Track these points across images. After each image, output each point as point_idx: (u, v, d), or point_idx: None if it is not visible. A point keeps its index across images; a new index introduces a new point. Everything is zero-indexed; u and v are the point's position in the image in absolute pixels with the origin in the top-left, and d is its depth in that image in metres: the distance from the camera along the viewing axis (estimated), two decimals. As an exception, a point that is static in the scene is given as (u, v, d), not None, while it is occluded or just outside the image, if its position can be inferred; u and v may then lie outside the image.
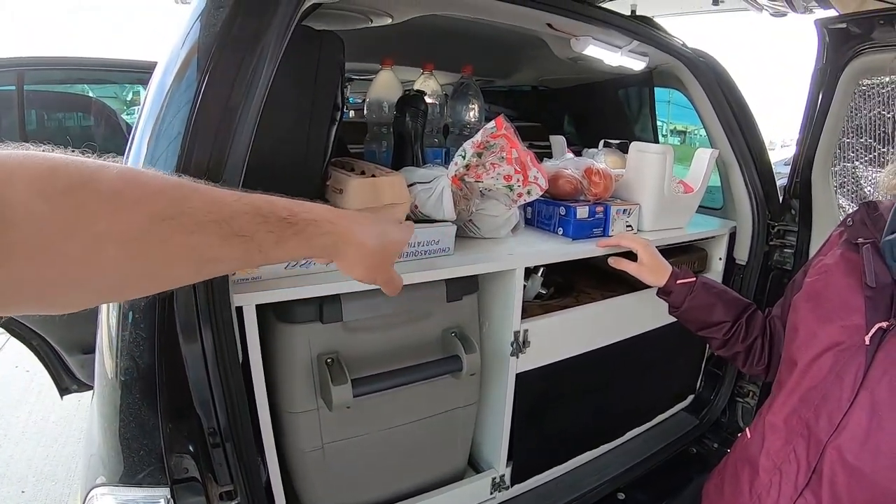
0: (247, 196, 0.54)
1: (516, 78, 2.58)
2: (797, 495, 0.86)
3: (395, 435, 1.27)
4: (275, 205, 0.56)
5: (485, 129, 1.17)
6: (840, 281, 0.89)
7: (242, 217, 0.52)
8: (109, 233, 0.46)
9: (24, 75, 2.49)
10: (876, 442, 0.77)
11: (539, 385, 1.41)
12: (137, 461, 0.88)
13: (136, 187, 0.47)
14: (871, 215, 0.90)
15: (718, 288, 1.23)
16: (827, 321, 0.88)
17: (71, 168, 0.45)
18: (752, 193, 1.75)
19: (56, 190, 0.43)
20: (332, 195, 1.15)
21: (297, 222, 0.57)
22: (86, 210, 0.45)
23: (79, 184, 0.44)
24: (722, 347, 1.19)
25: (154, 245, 0.48)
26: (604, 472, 1.63)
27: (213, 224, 0.50)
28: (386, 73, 1.59)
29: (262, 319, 1.05)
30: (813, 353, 0.88)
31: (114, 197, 0.46)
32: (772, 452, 0.92)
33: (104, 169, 0.46)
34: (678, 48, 1.70)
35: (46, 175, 0.43)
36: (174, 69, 0.93)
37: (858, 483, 0.79)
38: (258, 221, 0.53)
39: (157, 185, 0.49)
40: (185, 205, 0.49)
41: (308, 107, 1.08)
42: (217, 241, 0.51)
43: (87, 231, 0.45)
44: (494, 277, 1.32)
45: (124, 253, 0.47)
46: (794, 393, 0.90)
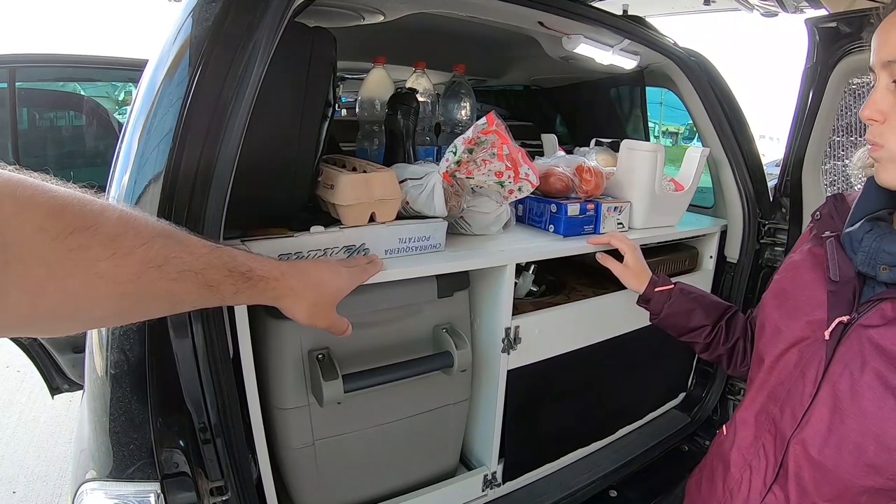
0: (217, 250, 0.65)
1: (508, 77, 2.58)
2: (766, 490, 0.86)
3: (386, 432, 1.27)
4: (238, 261, 0.67)
5: (476, 125, 1.17)
6: (806, 276, 0.89)
7: (212, 270, 0.63)
8: (106, 274, 0.52)
9: (16, 72, 2.48)
10: (838, 436, 0.77)
11: (530, 382, 1.41)
12: (127, 456, 0.88)
13: (134, 234, 0.54)
14: (837, 208, 0.89)
15: (696, 293, 1.23)
16: (792, 317, 0.87)
17: (76, 209, 0.50)
18: (743, 192, 1.76)
19: (61, 230, 0.48)
20: (324, 191, 1.15)
21: (252, 277, 0.69)
22: (87, 252, 0.50)
23: (82, 226, 0.50)
24: (705, 351, 1.19)
25: (142, 287, 0.56)
26: (595, 469, 1.63)
27: (190, 273, 0.60)
28: (378, 72, 1.59)
29: (253, 314, 1.05)
30: (779, 350, 0.88)
31: (113, 241, 0.52)
32: (742, 448, 0.92)
33: (106, 211, 0.53)
34: (669, 47, 1.71)
35: (54, 214, 0.48)
36: (166, 65, 0.93)
37: (824, 477, 0.79)
38: (224, 274, 0.65)
39: (149, 232, 0.56)
40: (171, 254, 0.58)
41: (300, 103, 1.08)
42: (191, 288, 0.61)
43: (86, 271, 0.51)
44: (485, 274, 1.32)
45: (116, 292, 0.54)
46: (763, 389, 0.91)
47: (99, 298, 0.53)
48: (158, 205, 0.85)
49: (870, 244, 0.78)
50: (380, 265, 1.02)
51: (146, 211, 0.84)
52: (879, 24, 0.74)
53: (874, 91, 0.74)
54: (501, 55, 2.13)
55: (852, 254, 0.81)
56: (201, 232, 0.85)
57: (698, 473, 1.08)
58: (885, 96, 0.72)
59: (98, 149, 2.87)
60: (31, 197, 0.47)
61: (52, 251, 0.48)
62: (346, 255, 1.13)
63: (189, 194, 0.85)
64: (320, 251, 1.10)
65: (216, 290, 0.64)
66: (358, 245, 1.13)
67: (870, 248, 0.78)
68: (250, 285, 0.69)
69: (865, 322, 0.77)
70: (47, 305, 0.50)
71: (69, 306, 0.52)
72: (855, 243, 0.80)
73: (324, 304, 0.83)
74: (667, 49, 1.70)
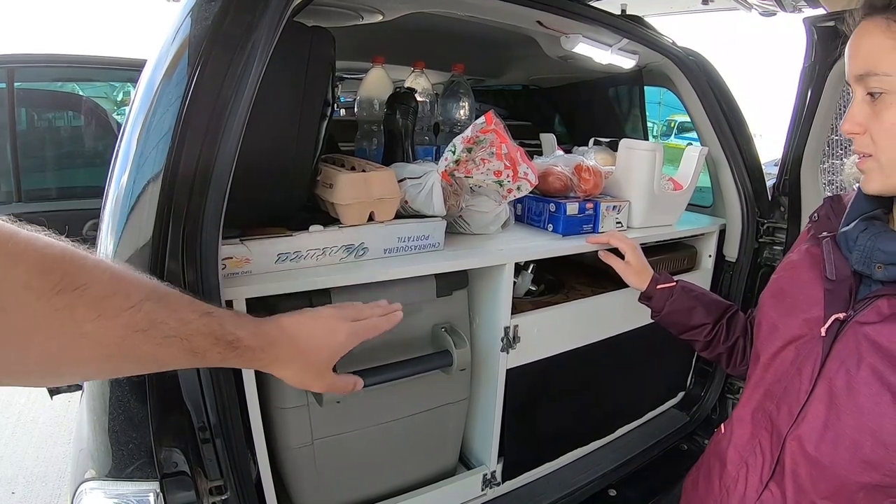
0: (206, 316, 0.63)
1: (507, 77, 2.59)
2: (763, 488, 0.86)
3: (385, 431, 1.27)
4: (225, 329, 0.65)
5: (475, 124, 1.17)
6: (803, 275, 0.89)
7: (199, 336, 0.61)
8: (90, 335, 0.52)
9: (15, 72, 2.47)
10: (834, 433, 0.77)
11: (529, 381, 1.41)
12: (127, 455, 0.88)
13: (122, 296, 0.54)
14: (834, 209, 0.90)
15: (698, 291, 1.23)
16: (789, 315, 0.88)
17: (66, 267, 0.50)
18: (742, 191, 1.77)
19: (49, 288, 0.48)
20: (323, 190, 1.16)
21: (239, 346, 0.67)
22: (73, 313, 0.50)
23: (70, 286, 0.49)
24: (705, 349, 1.19)
25: (126, 350, 0.55)
26: (595, 468, 1.63)
27: (176, 339, 0.59)
28: (377, 71, 1.59)
29: (253, 313, 1.04)
30: (775, 347, 0.88)
31: (100, 303, 0.52)
32: (739, 446, 0.92)
33: (97, 271, 0.53)
34: (668, 46, 1.71)
35: (43, 271, 0.48)
36: (165, 64, 0.93)
37: (820, 474, 0.79)
38: (211, 342, 0.63)
39: (138, 295, 0.56)
40: (158, 319, 0.57)
41: (298, 102, 1.08)
42: (176, 353, 0.60)
43: (71, 331, 0.50)
44: (484, 273, 1.32)
45: (100, 353, 0.54)
46: (759, 387, 0.91)
47: (82, 358, 0.53)
48: (157, 204, 0.84)
49: (865, 243, 0.78)
50: (398, 317, 0.90)
51: (145, 212, 0.85)
52: (850, 38, 0.76)
53: (851, 104, 0.75)
54: (500, 55, 2.13)
55: (848, 253, 0.81)
56: (200, 232, 0.85)
57: (695, 472, 1.09)
58: (862, 109, 0.74)
59: (97, 149, 2.87)
60: (22, 252, 0.46)
61: (38, 309, 0.47)
62: (345, 254, 1.13)
63: (188, 193, 0.85)
64: (319, 250, 1.10)
65: (202, 357, 0.63)
66: (357, 244, 1.14)
67: (865, 246, 0.78)
68: (237, 354, 0.67)
69: (862, 319, 0.77)
70: (31, 360, 0.50)
71: (53, 363, 0.52)
72: (850, 242, 0.81)
73: (313, 370, 0.79)
74: (665, 48, 1.70)
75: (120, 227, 0.88)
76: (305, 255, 1.09)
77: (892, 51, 0.70)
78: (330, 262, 1.12)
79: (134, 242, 0.86)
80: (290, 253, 1.07)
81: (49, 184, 2.70)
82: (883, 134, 0.73)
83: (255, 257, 1.04)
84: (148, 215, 0.85)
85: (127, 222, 0.87)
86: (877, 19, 0.71)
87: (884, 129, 0.72)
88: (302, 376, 0.78)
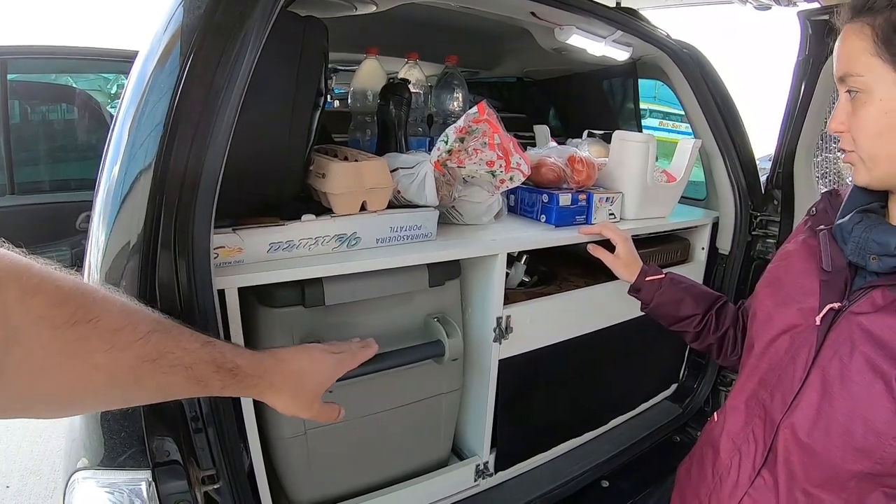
0: (208, 345, 0.66)
1: (501, 69, 2.58)
2: (755, 474, 0.87)
3: (378, 421, 1.27)
4: (226, 357, 0.69)
5: (467, 114, 1.17)
6: (799, 266, 0.91)
7: (202, 365, 0.65)
8: (102, 366, 0.54)
9: (8, 64, 2.45)
10: (827, 420, 0.78)
11: (522, 371, 1.42)
12: (119, 444, 0.88)
13: (132, 329, 0.57)
14: (832, 203, 0.92)
15: (686, 282, 1.25)
16: (784, 304, 0.89)
17: (80, 300, 0.52)
18: (735, 184, 1.77)
19: (64, 320, 0.50)
20: (315, 180, 1.15)
21: (238, 374, 0.71)
22: (86, 344, 0.52)
23: (84, 318, 0.52)
24: (695, 340, 1.21)
25: (136, 379, 0.58)
26: (588, 459, 1.64)
27: (181, 368, 0.62)
28: (370, 62, 1.59)
29: (244, 303, 1.05)
30: (770, 336, 0.89)
31: (112, 335, 0.54)
32: (732, 434, 0.93)
33: (108, 304, 0.55)
34: (662, 39, 1.71)
35: (58, 303, 0.50)
36: (156, 55, 0.92)
37: (812, 461, 0.80)
38: (212, 370, 0.66)
39: (146, 327, 0.58)
40: (165, 349, 0.60)
41: (291, 92, 1.08)
42: (181, 381, 0.63)
43: (84, 362, 0.53)
44: (477, 263, 1.33)
45: (110, 383, 0.56)
46: (753, 375, 0.92)
47: (93, 388, 0.55)
48: (149, 194, 0.84)
49: (859, 235, 0.80)
50: (374, 349, 0.98)
51: (137, 202, 0.85)
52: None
53: (837, 105, 0.80)
54: (494, 47, 2.13)
55: (843, 244, 0.83)
56: (192, 221, 0.85)
57: (688, 461, 1.09)
58: (845, 108, 0.79)
59: (90, 142, 2.85)
60: (38, 285, 0.48)
61: (52, 340, 0.49)
62: (338, 244, 1.13)
63: (180, 183, 0.85)
64: (311, 240, 1.10)
65: (205, 385, 0.66)
66: (349, 234, 1.14)
67: (859, 238, 0.80)
68: (237, 381, 0.71)
69: (856, 309, 0.78)
70: (44, 391, 0.51)
71: (65, 393, 0.53)
72: (845, 234, 0.82)
73: (304, 397, 0.82)
74: (659, 41, 1.70)
75: (112, 218, 0.88)
76: (298, 245, 1.09)
77: (863, 53, 0.74)
78: (322, 251, 1.12)
79: (126, 233, 0.86)
80: (282, 242, 1.07)
81: (42, 176, 2.68)
82: (860, 131, 0.77)
83: (247, 247, 1.03)
84: (140, 205, 0.85)
85: (119, 213, 0.87)
86: (854, 23, 0.76)
87: (859, 126, 0.77)
88: (293, 403, 0.81)
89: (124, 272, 0.85)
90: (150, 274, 0.84)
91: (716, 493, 0.94)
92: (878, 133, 0.75)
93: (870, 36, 0.73)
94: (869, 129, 0.76)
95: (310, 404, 0.83)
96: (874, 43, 0.73)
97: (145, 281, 0.84)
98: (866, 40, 0.74)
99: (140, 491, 0.87)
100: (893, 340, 0.74)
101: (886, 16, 0.72)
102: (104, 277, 0.86)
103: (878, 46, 0.73)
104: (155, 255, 0.84)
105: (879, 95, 0.74)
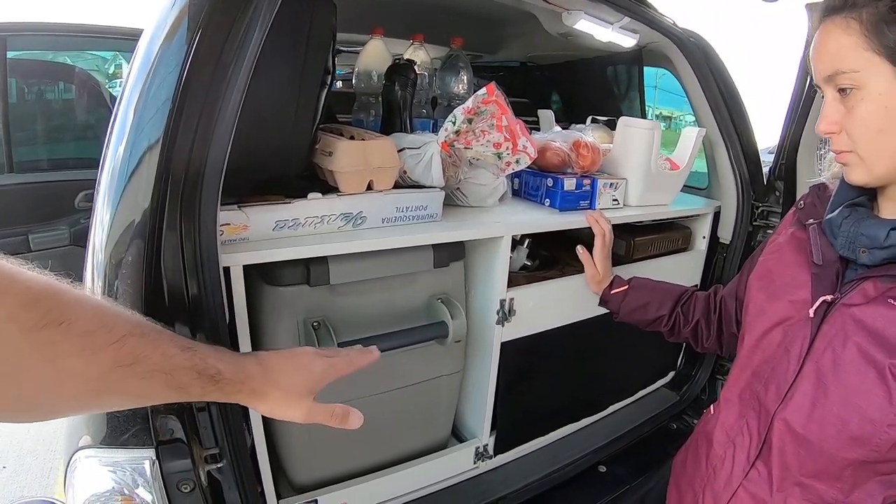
0: (188, 351, 0.63)
1: (505, 53, 2.56)
2: (749, 466, 0.89)
3: (379, 402, 1.27)
4: (207, 363, 0.65)
5: (476, 95, 1.17)
6: (789, 259, 0.92)
7: (182, 371, 0.62)
8: (74, 370, 0.51)
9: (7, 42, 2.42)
10: (821, 411, 0.79)
11: (524, 355, 1.42)
12: (122, 422, 0.87)
13: (106, 331, 0.54)
14: (820, 197, 0.93)
15: (650, 286, 1.31)
16: (776, 297, 0.90)
17: (51, 301, 0.49)
18: (738, 173, 1.77)
19: (34, 322, 0.47)
20: (322, 158, 1.15)
21: (220, 380, 0.67)
22: (57, 347, 0.49)
23: (55, 320, 0.49)
24: (671, 336, 1.29)
25: (110, 384, 0.55)
26: (586, 444, 1.65)
27: (160, 374, 0.59)
28: (376, 43, 1.58)
29: (248, 283, 1.04)
30: (762, 329, 0.90)
31: (85, 338, 0.51)
32: (726, 426, 0.95)
33: (81, 305, 0.52)
34: (669, 27, 1.70)
35: (28, 304, 0.47)
36: (164, 31, 0.91)
37: (807, 452, 0.81)
38: (193, 377, 0.63)
39: (122, 330, 0.55)
40: (141, 354, 0.57)
41: (299, 69, 1.07)
42: (159, 387, 0.60)
43: (54, 365, 0.50)
44: (481, 245, 1.33)
45: (83, 388, 0.53)
46: (747, 368, 0.93)
47: (66, 393, 0.53)
48: (155, 171, 0.83)
49: (848, 229, 0.81)
50: (374, 356, 0.93)
51: (143, 179, 0.84)
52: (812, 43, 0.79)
53: (824, 106, 0.78)
54: (499, 31, 2.12)
55: (833, 239, 0.83)
56: (199, 197, 0.84)
57: (684, 452, 1.11)
58: (836, 108, 0.77)
59: (88, 122, 2.83)
60: (8, 286, 0.45)
61: (22, 342, 0.47)
62: (343, 222, 1.13)
63: (186, 161, 0.84)
64: (317, 218, 1.09)
65: (184, 391, 0.63)
66: (355, 213, 1.13)
67: (849, 232, 0.80)
68: (218, 388, 0.67)
69: (848, 301, 0.79)
70: (13, 395, 0.49)
71: (35, 398, 0.51)
72: (835, 228, 0.83)
73: (294, 398, 0.78)
74: (666, 28, 1.69)
75: (117, 197, 0.86)
76: (304, 223, 1.08)
77: (854, 47, 0.72)
78: (328, 230, 1.12)
79: (131, 211, 0.85)
80: (288, 220, 1.07)
81: (41, 155, 2.66)
82: (858, 129, 0.75)
83: (252, 224, 1.03)
84: (146, 183, 0.83)
85: (124, 191, 0.86)
86: (835, 19, 0.74)
87: (858, 124, 0.75)
88: (282, 406, 0.77)
89: (128, 250, 0.84)
90: (156, 252, 0.84)
91: (710, 485, 0.95)
92: (880, 129, 0.73)
93: (858, 30, 0.72)
94: (869, 125, 0.74)
95: (300, 405, 0.79)
96: (864, 37, 0.71)
97: (150, 259, 0.84)
98: (855, 35, 0.72)
99: (143, 470, 0.87)
100: (886, 330, 0.75)
101: (871, 9, 0.71)
102: (108, 257, 0.85)
103: (870, 40, 0.71)
104: (160, 233, 0.83)
105: (878, 90, 0.72)
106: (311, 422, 0.81)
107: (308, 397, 0.80)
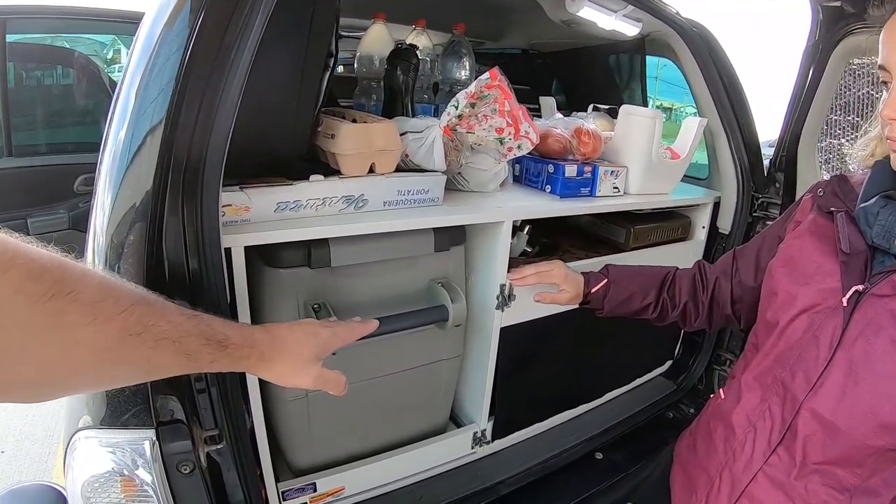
0: (194, 318, 0.64)
1: (507, 40, 2.56)
2: (770, 451, 0.89)
3: (379, 386, 1.28)
4: (214, 329, 0.66)
5: (479, 79, 1.17)
6: (812, 246, 0.92)
7: (190, 338, 0.62)
8: (84, 340, 0.51)
9: (6, 24, 2.40)
10: (852, 398, 0.80)
11: (522, 340, 1.43)
12: (122, 402, 0.87)
13: (113, 301, 0.53)
14: (842, 188, 0.93)
15: (629, 276, 1.26)
16: (803, 284, 0.90)
17: (57, 273, 0.48)
18: (738, 164, 1.77)
19: (41, 294, 0.47)
20: (324, 140, 1.15)
21: (228, 346, 0.68)
22: (66, 318, 0.49)
23: (62, 291, 0.48)
24: (660, 322, 1.25)
25: (121, 354, 0.55)
26: (582, 431, 1.66)
27: (168, 342, 0.59)
28: (378, 27, 1.57)
29: (249, 265, 1.04)
30: (790, 316, 0.90)
31: (93, 308, 0.51)
32: (747, 410, 0.94)
33: (87, 277, 0.52)
34: (672, 16, 1.70)
35: (33, 277, 0.46)
36: (166, 13, 0.90)
37: (833, 438, 0.81)
38: (201, 343, 0.64)
39: (128, 300, 0.55)
40: (150, 322, 0.57)
41: (302, 51, 1.07)
42: (169, 356, 0.60)
43: (65, 337, 0.49)
44: (481, 230, 1.33)
45: (94, 359, 0.53)
46: (770, 354, 0.93)
47: (77, 366, 0.52)
48: (157, 154, 0.83)
49: (885, 218, 0.82)
50: (374, 325, 0.97)
51: (144, 162, 0.84)
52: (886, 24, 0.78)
53: (892, 91, 0.77)
54: (501, 17, 2.11)
55: (867, 227, 0.84)
56: (201, 178, 0.84)
57: (690, 437, 1.10)
58: None
59: (87, 107, 2.81)
60: (13, 258, 0.45)
61: (30, 315, 0.46)
62: (345, 205, 1.13)
63: (188, 143, 0.84)
64: (319, 200, 1.09)
65: (193, 359, 0.63)
66: (357, 195, 1.13)
67: (886, 221, 0.82)
68: (226, 354, 0.68)
69: (878, 292, 0.80)
70: (26, 372, 0.49)
71: (47, 373, 0.51)
72: (870, 217, 0.84)
73: (299, 366, 0.80)
74: (669, 18, 1.69)
75: (119, 180, 0.86)
76: (305, 205, 1.08)
77: None
78: (329, 212, 1.12)
79: (133, 193, 0.84)
80: (289, 202, 1.07)
81: (40, 139, 2.65)
82: None
83: (254, 206, 1.03)
84: (148, 165, 0.83)
85: (126, 173, 0.85)
86: None
87: None
88: (290, 372, 0.79)
89: (130, 232, 0.84)
90: (158, 234, 0.84)
91: (728, 468, 0.95)
92: None
93: None
94: None
95: (307, 370, 0.81)
96: None
97: (152, 241, 0.84)
98: None
99: (143, 450, 0.87)
100: None
101: None
102: (110, 239, 0.85)
103: None
104: (162, 215, 0.83)
105: None
106: (319, 388, 0.83)
107: (316, 363, 0.82)
